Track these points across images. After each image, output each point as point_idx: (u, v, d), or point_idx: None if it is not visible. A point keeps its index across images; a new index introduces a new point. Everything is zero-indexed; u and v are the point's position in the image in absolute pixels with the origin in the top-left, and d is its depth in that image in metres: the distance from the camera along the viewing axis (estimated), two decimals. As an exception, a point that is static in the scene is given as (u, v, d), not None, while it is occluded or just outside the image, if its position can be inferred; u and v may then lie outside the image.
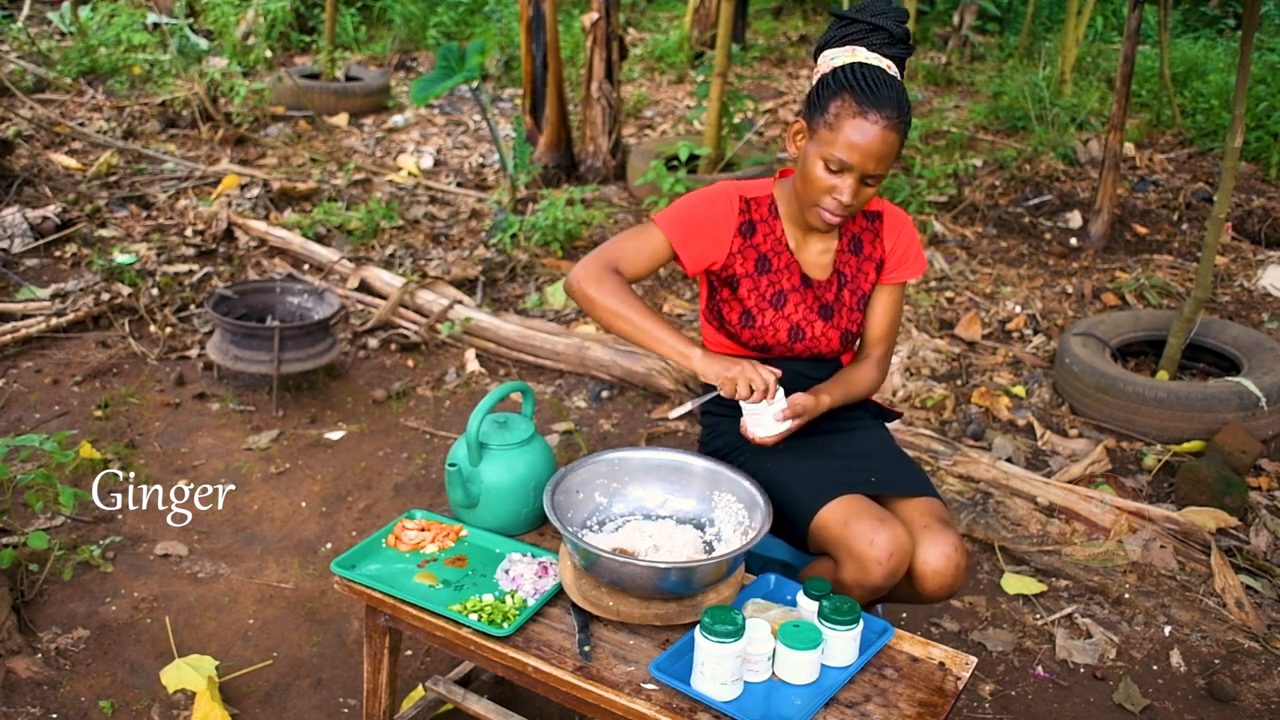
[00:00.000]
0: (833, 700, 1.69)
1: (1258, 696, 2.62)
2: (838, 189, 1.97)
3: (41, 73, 7.32)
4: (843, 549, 1.94)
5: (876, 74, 1.94)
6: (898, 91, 1.94)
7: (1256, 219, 5.68)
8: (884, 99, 1.91)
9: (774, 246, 2.13)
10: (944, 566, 1.96)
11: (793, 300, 2.12)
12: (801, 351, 2.15)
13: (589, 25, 6.00)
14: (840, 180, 1.97)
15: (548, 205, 5.14)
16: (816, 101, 1.98)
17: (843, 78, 1.94)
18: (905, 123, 1.95)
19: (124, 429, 3.58)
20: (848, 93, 1.93)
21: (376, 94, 7.61)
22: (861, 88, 1.92)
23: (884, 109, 1.91)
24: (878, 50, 1.97)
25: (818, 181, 1.99)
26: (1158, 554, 3.06)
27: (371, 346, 4.25)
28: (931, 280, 4.99)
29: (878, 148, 1.92)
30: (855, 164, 1.94)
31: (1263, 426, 3.63)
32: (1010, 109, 7.39)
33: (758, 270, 2.12)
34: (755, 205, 2.13)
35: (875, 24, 1.97)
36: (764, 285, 2.12)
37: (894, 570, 1.91)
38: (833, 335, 2.15)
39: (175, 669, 2.51)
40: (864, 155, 1.93)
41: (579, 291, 2.02)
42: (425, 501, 3.28)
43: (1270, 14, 9.60)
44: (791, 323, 2.12)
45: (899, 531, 1.92)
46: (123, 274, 4.47)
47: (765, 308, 2.12)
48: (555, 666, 1.75)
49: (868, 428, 2.24)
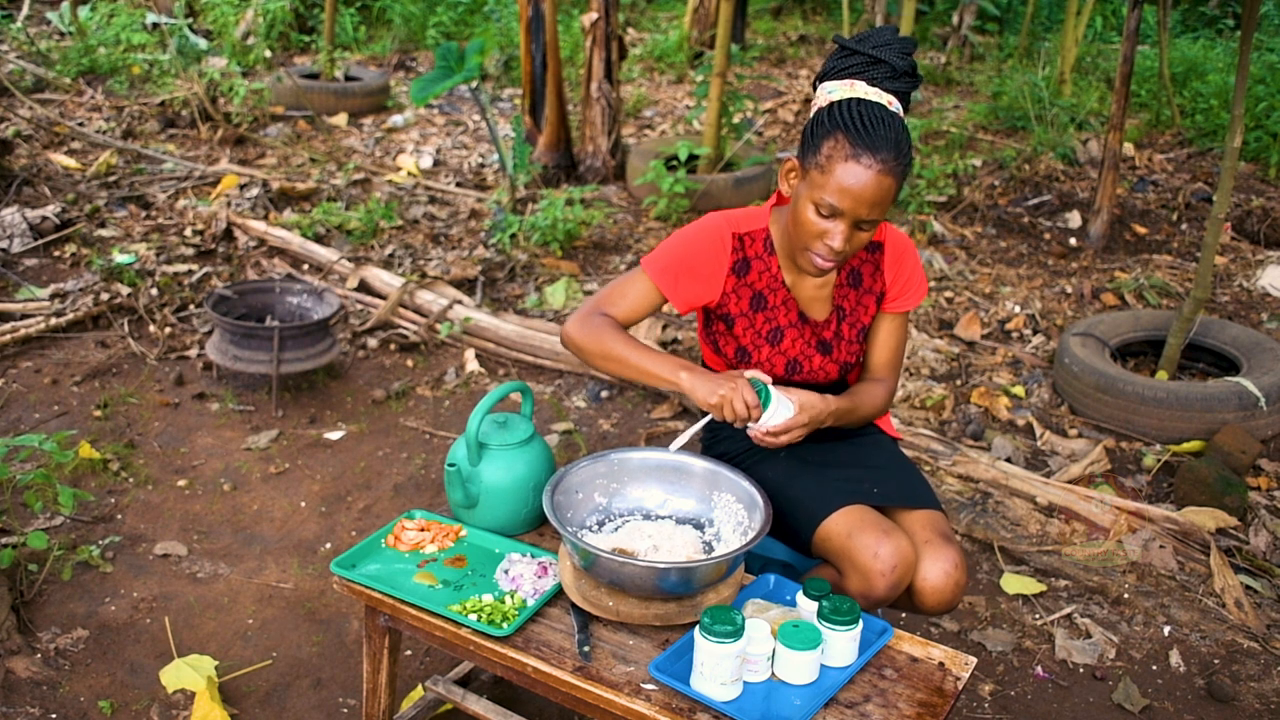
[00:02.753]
0: (832, 700, 1.69)
1: (1257, 696, 2.62)
2: (829, 234, 1.87)
3: (41, 73, 7.32)
4: (846, 560, 1.93)
5: (874, 112, 1.82)
6: (896, 131, 1.82)
7: (1256, 219, 5.68)
8: (880, 140, 1.79)
9: (770, 284, 2.06)
10: (943, 584, 1.95)
11: (790, 336, 2.08)
12: (799, 381, 2.12)
13: (588, 25, 6.00)
14: (832, 225, 1.87)
15: (547, 205, 5.14)
16: (810, 140, 1.87)
17: (838, 116, 1.83)
18: (904, 165, 1.83)
19: (123, 429, 3.58)
20: (841, 133, 1.81)
21: (376, 94, 7.61)
22: (856, 128, 1.80)
23: (879, 151, 1.79)
24: (878, 85, 1.85)
25: (809, 225, 1.89)
26: (1157, 554, 3.06)
27: (371, 346, 4.25)
28: (931, 280, 4.99)
29: (871, 193, 1.81)
30: (847, 210, 1.83)
31: (1262, 426, 3.63)
32: (1010, 109, 7.39)
33: (753, 308, 2.07)
34: (749, 241, 2.05)
35: (876, 57, 1.85)
36: (760, 322, 2.07)
37: (897, 583, 1.90)
38: (831, 368, 2.12)
39: (175, 669, 2.51)
40: (856, 201, 1.82)
41: (570, 342, 2.01)
42: (425, 501, 3.28)
43: (1270, 14, 9.60)
44: (789, 357, 2.09)
45: (903, 544, 1.91)
46: (122, 274, 4.47)
47: (761, 344, 2.08)
48: (555, 666, 1.75)
49: (873, 438, 2.23)
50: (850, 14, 8.88)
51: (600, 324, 1.99)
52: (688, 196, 5.59)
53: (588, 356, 2.00)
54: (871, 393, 2.13)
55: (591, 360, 2.00)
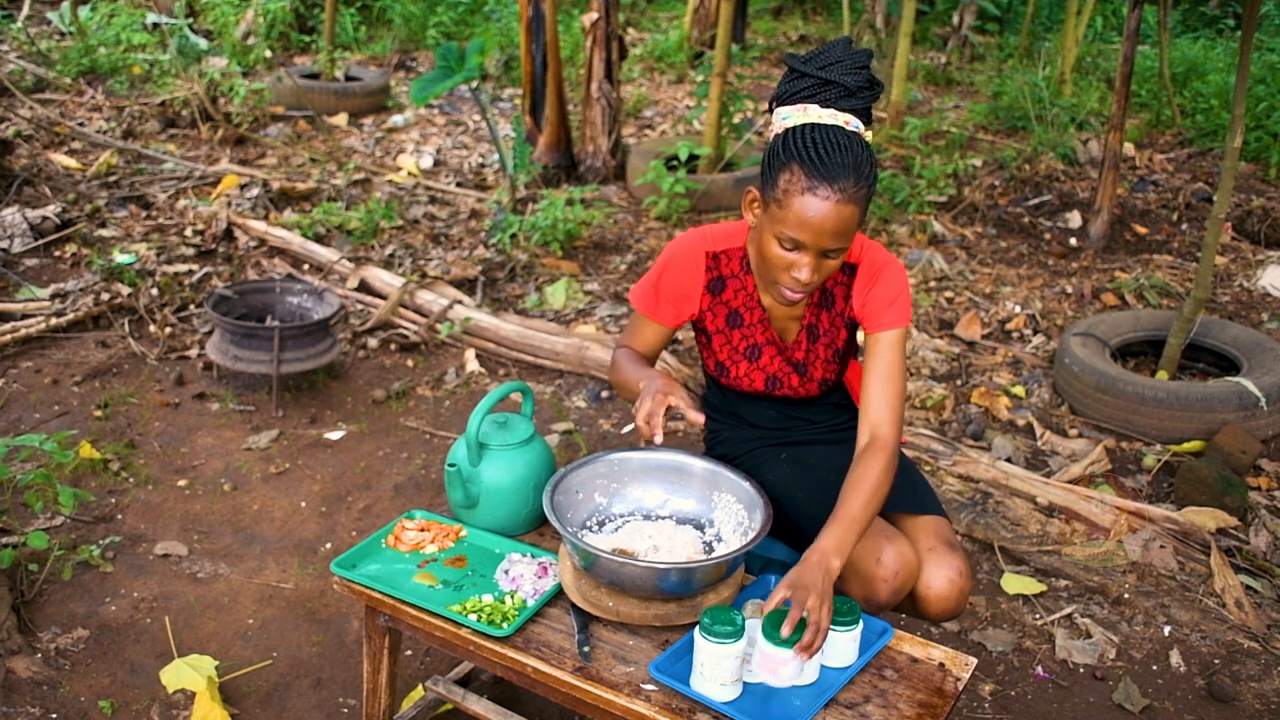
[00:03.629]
0: (833, 701, 1.69)
1: (1257, 696, 2.62)
2: (796, 265, 1.81)
3: (41, 73, 7.32)
4: (848, 565, 1.92)
5: (829, 137, 1.73)
6: (855, 155, 1.73)
7: (1256, 219, 5.68)
8: (836, 169, 1.72)
9: (745, 302, 2.05)
10: (948, 591, 1.95)
11: (767, 353, 2.08)
12: (782, 396, 2.14)
13: (589, 25, 6.00)
14: (797, 257, 1.81)
15: (547, 205, 5.14)
16: (768, 171, 1.81)
17: (792, 146, 1.75)
18: (865, 189, 1.75)
19: (124, 429, 3.58)
20: (797, 164, 1.74)
21: (376, 94, 7.61)
22: (811, 159, 1.73)
23: (836, 181, 1.72)
24: (832, 105, 1.77)
25: (774, 259, 1.83)
26: (1157, 554, 3.06)
27: (371, 346, 4.25)
28: (931, 280, 4.99)
29: (832, 225, 1.74)
30: (809, 242, 1.77)
31: (1262, 426, 3.63)
32: (1010, 109, 7.39)
33: (729, 325, 2.08)
34: (725, 259, 2.03)
35: (826, 79, 1.76)
36: (736, 339, 2.08)
37: (899, 588, 1.90)
38: (810, 386, 2.13)
39: (175, 669, 2.51)
40: (817, 234, 1.75)
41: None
42: (425, 501, 3.28)
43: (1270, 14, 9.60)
44: (767, 374, 2.10)
45: (905, 549, 1.91)
46: (122, 274, 4.47)
47: (739, 360, 2.10)
48: (555, 667, 1.75)
49: None
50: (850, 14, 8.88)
51: (615, 357, 2.10)
52: (688, 196, 5.59)
53: (614, 389, 2.15)
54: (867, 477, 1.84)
55: (616, 391, 2.13)
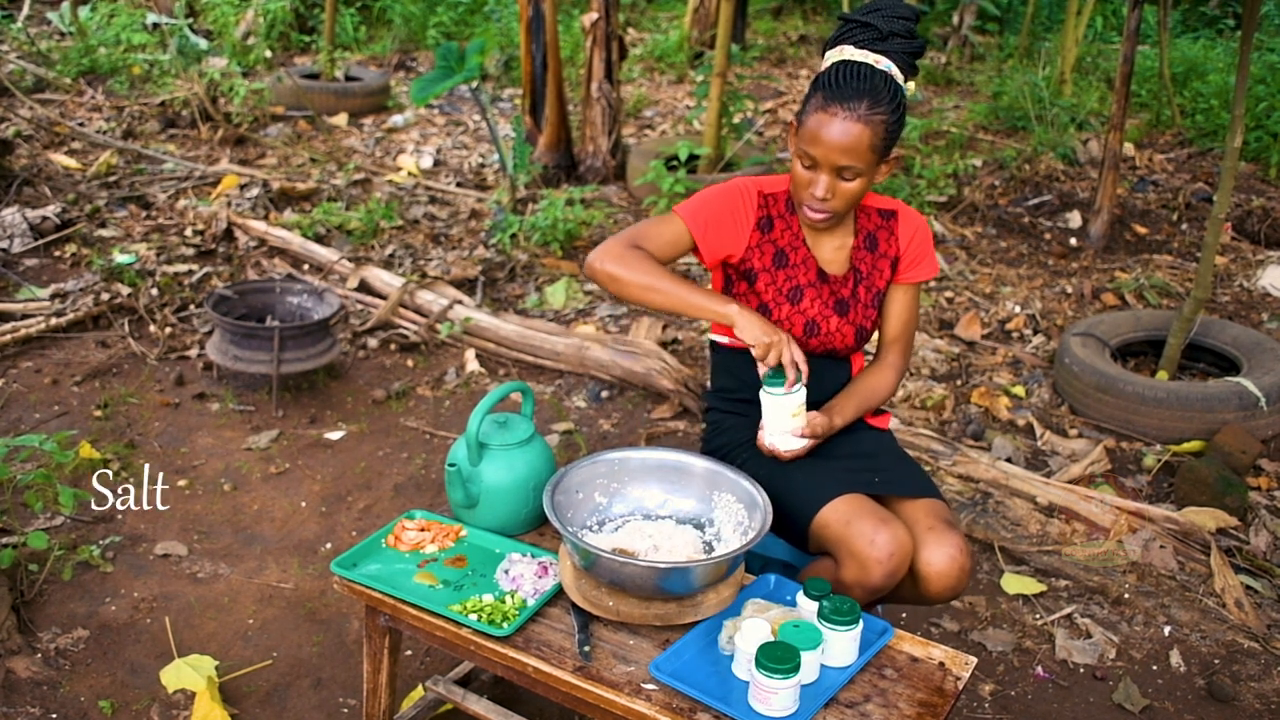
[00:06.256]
0: (833, 700, 1.69)
1: (1257, 696, 2.62)
2: (813, 183, 2.00)
3: (41, 73, 7.32)
4: (843, 548, 1.94)
5: (852, 69, 1.94)
6: (872, 83, 1.92)
7: (1256, 219, 5.68)
8: (849, 91, 1.92)
9: (791, 241, 2.14)
10: (948, 568, 1.96)
11: (809, 295, 2.13)
12: (816, 347, 2.15)
13: (589, 25, 6.00)
14: (814, 175, 2.00)
15: (547, 205, 5.14)
16: (802, 104, 2.03)
17: (821, 78, 1.98)
18: (880, 116, 1.93)
19: (124, 429, 3.58)
20: (819, 91, 1.96)
21: (376, 94, 7.61)
22: (830, 84, 1.94)
23: (847, 101, 1.91)
24: (865, 47, 1.96)
25: (798, 178, 2.03)
26: (1157, 554, 3.06)
27: (371, 346, 4.25)
28: (932, 280, 4.99)
29: (839, 140, 1.92)
30: (820, 158, 1.96)
31: (1262, 426, 3.63)
32: (1010, 109, 7.39)
33: (775, 265, 2.12)
34: (773, 201, 2.14)
35: (863, 21, 1.98)
36: (781, 280, 2.12)
37: (894, 570, 1.91)
38: (847, 331, 2.16)
39: (175, 669, 2.51)
40: (827, 149, 1.94)
41: (603, 272, 2.00)
42: (425, 501, 3.28)
43: (1270, 14, 9.60)
44: (807, 318, 2.12)
45: (900, 532, 1.92)
46: (122, 274, 4.47)
47: (782, 302, 2.12)
48: (555, 666, 1.75)
49: (872, 433, 2.24)
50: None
51: (640, 255, 2.01)
52: (688, 196, 5.59)
53: (623, 286, 2.00)
54: (878, 380, 2.21)
55: (628, 290, 2.00)
